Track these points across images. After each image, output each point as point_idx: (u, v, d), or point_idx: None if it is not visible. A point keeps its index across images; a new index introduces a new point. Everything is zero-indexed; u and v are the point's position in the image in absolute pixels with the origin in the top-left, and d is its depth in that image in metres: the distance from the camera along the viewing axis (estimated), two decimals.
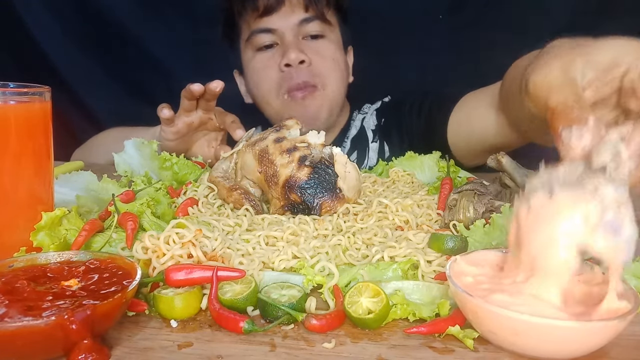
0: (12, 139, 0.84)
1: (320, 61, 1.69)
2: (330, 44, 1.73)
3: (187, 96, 1.43)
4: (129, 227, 0.89)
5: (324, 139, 1.09)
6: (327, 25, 1.71)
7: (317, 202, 1.02)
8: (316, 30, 1.69)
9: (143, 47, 2.27)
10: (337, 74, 1.74)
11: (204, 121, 1.50)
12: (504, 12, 2.17)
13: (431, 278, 0.81)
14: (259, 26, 1.68)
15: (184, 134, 1.49)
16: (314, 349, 0.66)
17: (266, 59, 1.70)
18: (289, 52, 1.63)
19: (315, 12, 1.68)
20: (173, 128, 1.46)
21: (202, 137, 1.57)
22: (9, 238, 0.85)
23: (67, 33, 2.27)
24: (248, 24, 1.72)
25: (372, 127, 1.89)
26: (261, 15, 1.67)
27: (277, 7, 1.65)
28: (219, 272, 0.75)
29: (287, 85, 1.66)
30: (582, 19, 2.16)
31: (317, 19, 1.68)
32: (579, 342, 0.62)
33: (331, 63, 1.72)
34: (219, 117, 1.52)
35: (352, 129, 1.91)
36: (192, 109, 1.46)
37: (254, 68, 1.74)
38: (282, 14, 1.66)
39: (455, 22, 2.19)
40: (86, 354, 0.61)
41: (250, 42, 1.71)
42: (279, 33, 1.67)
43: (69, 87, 2.31)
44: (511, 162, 1.17)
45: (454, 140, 1.59)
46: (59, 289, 0.68)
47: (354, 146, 1.88)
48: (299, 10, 1.67)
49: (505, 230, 0.91)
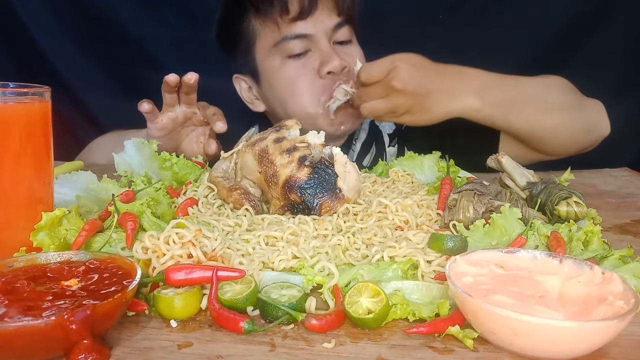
0: (12, 139, 0.85)
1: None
2: (357, 48, 1.66)
3: (166, 89, 1.42)
4: (129, 227, 0.89)
5: (324, 139, 1.09)
6: (353, 30, 1.64)
7: (317, 202, 1.02)
8: (346, 36, 1.61)
9: (143, 47, 2.27)
10: None
11: (189, 116, 1.49)
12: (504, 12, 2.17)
13: (431, 278, 0.81)
14: (293, 31, 1.55)
15: (170, 129, 1.48)
16: (313, 349, 0.66)
17: (300, 67, 1.58)
18: (332, 59, 1.53)
19: (346, 16, 1.59)
20: (158, 124, 1.45)
21: (190, 133, 1.56)
22: (9, 238, 0.85)
23: (67, 33, 2.28)
24: (276, 28, 1.57)
25: (388, 132, 1.87)
26: (294, 19, 1.54)
27: (312, 10, 1.53)
28: (219, 272, 0.75)
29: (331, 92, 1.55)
30: (582, 19, 2.16)
31: (347, 24, 1.60)
32: (579, 342, 0.62)
33: None
34: (202, 111, 1.50)
35: (360, 132, 1.86)
36: (174, 103, 1.44)
37: (287, 77, 1.59)
38: (317, 17, 1.55)
39: (455, 22, 2.19)
40: (86, 354, 0.61)
41: (280, 49, 1.57)
42: (313, 39, 1.56)
43: (69, 87, 2.31)
44: (511, 162, 1.17)
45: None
46: (59, 289, 0.68)
47: (365, 150, 1.84)
48: (333, 14, 1.57)
49: (505, 231, 0.91)
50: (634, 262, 0.81)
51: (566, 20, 2.18)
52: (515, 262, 0.76)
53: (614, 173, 1.62)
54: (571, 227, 0.92)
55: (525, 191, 1.11)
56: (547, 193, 1.05)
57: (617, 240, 1.04)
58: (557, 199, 1.02)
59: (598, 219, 1.04)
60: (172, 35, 2.26)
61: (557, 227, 0.93)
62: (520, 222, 0.92)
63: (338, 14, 1.58)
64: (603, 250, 0.86)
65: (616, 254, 0.84)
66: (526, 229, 0.90)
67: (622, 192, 1.43)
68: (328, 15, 1.57)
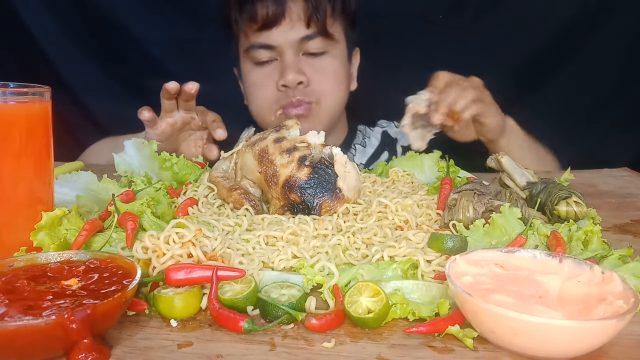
0: (12, 138, 0.85)
1: (320, 79, 1.63)
2: (333, 59, 1.65)
3: (165, 96, 1.43)
4: (129, 227, 0.89)
5: (324, 139, 1.09)
6: (330, 41, 1.63)
7: (317, 202, 1.02)
8: (317, 48, 1.61)
9: (143, 47, 2.27)
10: (336, 88, 1.68)
11: (187, 121, 1.50)
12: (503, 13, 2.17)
13: (431, 278, 0.81)
14: (258, 41, 1.60)
15: (169, 134, 1.48)
16: (313, 348, 0.66)
17: (264, 76, 1.64)
18: (287, 73, 1.56)
19: (317, 28, 1.58)
20: (157, 130, 1.46)
21: (188, 137, 1.57)
22: (9, 238, 0.85)
23: (67, 33, 2.27)
24: (246, 35, 1.64)
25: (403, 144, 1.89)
26: (260, 29, 1.58)
27: (276, 22, 1.56)
28: (219, 272, 0.75)
29: (282, 103, 1.61)
30: (582, 19, 2.16)
31: (319, 35, 1.60)
32: (578, 341, 0.62)
33: (331, 79, 1.66)
34: (201, 116, 1.51)
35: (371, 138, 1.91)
36: (172, 109, 1.45)
37: (251, 82, 1.68)
38: (282, 29, 1.57)
39: (455, 22, 2.19)
40: (86, 353, 0.61)
41: (248, 55, 1.65)
42: (278, 50, 1.60)
43: (69, 87, 2.31)
44: (511, 162, 1.17)
45: None
46: (59, 289, 0.68)
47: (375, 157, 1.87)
48: (300, 26, 1.58)
49: (505, 230, 0.91)
50: (634, 262, 0.81)
51: (566, 21, 2.18)
52: (515, 261, 0.76)
53: (613, 173, 1.62)
54: (571, 226, 0.92)
55: (525, 191, 1.11)
56: (546, 193, 1.05)
57: (616, 240, 1.04)
58: (556, 199, 1.02)
59: (598, 219, 1.04)
60: (173, 35, 2.25)
61: (557, 226, 0.93)
62: (520, 221, 0.92)
63: (307, 26, 1.57)
64: (603, 249, 0.86)
65: (616, 253, 0.84)
66: (526, 228, 0.90)
67: (622, 192, 1.43)
68: (295, 27, 1.57)
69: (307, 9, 1.56)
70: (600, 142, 2.25)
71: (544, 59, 2.22)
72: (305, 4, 1.57)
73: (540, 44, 2.20)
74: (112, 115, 2.24)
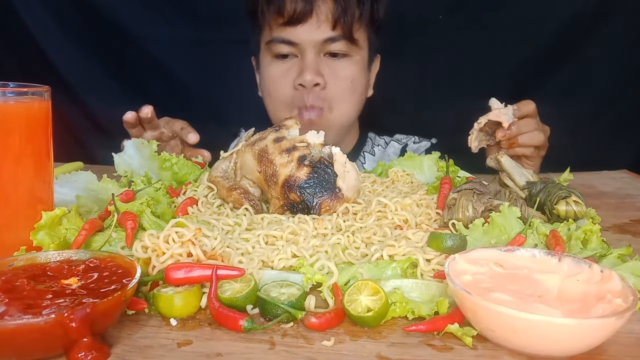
0: (12, 138, 0.85)
1: (336, 83, 1.61)
2: (352, 64, 1.64)
3: (127, 126, 1.44)
4: (128, 226, 0.89)
5: (323, 139, 1.09)
6: (352, 45, 1.61)
7: (317, 202, 1.02)
8: (339, 50, 1.59)
9: (143, 47, 2.27)
10: (351, 96, 1.67)
11: (157, 137, 1.50)
12: (504, 13, 2.17)
13: (430, 276, 0.82)
14: (281, 35, 1.58)
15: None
16: (313, 346, 0.66)
17: (282, 71, 1.62)
18: (305, 72, 1.55)
19: (342, 31, 1.57)
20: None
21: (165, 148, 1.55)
22: (9, 237, 0.85)
23: (67, 33, 2.27)
24: (270, 27, 1.62)
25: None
26: (285, 23, 1.56)
27: (303, 19, 1.54)
28: (219, 271, 0.75)
29: (298, 104, 1.61)
30: (582, 19, 2.16)
31: (343, 39, 1.58)
32: (577, 339, 0.62)
33: (347, 85, 1.63)
34: (168, 127, 1.52)
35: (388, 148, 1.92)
36: (140, 133, 1.46)
37: (269, 76, 1.67)
38: (308, 27, 1.55)
39: (455, 22, 2.19)
40: (86, 352, 0.61)
41: (269, 48, 1.63)
42: (299, 47, 1.58)
43: (69, 87, 2.31)
44: (510, 162, 1.18)
45: None
46: (59, 288, 0.68)
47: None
48: (326, 27, 1.55)
49: (504, 229, 0.91)
50: (633, 261, 0.82)
51: (566, 21, 2.17)
52: (514, 260, 0.77)
53: (612, 175, 1.63)
54: (570, 226, 0.92)
55: (525, 191, 1.11)
56: (546, 192, 1.06)
57: (616, 240, 1.04)
58: (556, 199, 1.02)
59: (597, 219, 1.04)
60: (173, 35, 2.25)
61: (556, 226, 0.93)
62: (519, 221, 0.92)
63: (333, 28, 1.56)
64: (602, 248, 0.87)
65: (615, 252, 0.84)
66: (525, 227, 0.91)
67: (621, 193, 1.43)
68: (320, 27, 1.56)
69: (335, 10, 1.55)
70: (600, 144, 2.25)
71: (544, 59, 2.22)
72: (334, 5, 1.55)
73: (540, 44, 2.20)
74: (112, 115, 2.24)
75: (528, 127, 1.34)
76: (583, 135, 2.21)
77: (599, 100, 2.27)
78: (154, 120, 1.45)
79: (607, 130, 2.29)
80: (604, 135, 2.29)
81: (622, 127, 2.28)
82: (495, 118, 1.31)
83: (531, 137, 1.35)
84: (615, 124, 2.29)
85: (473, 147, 1.34)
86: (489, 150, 1.40)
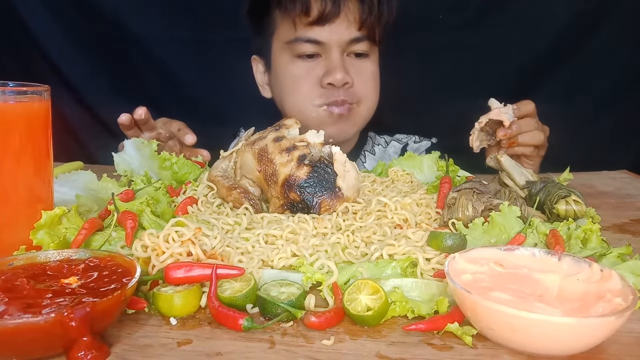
0: (12, 138, 0.85)
1: (361, 82, 1.62)
2: (372, 64, 1.66)
3: (123, 128, 1.45)
4: (128, 226, 0.89)
5: (323, 138, 1.09)
6: (372, 45, 1.63)
7: (317, 201, 1.02)
8: (362, 50, 1.61)
9: (144, 46, 2.27)
10: (374, 93, 1.69)
11: (154, 137, 1.50)
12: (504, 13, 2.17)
13: (430, 276, 0.82)
14: (307, 35, 1.55)
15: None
16: (313, 346, 0.66)
17: (307, 69, 1.60)
18: (335, 72, 1.54)
19: (367, 31, 1.58)
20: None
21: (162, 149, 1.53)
22: (8, 236, 0.85)
23: (67, 33, 2.27)
24: (292, 27, 1.58)
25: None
26: (312, 23, 1.54)
27: (331, 19, 1.52)
28: (218, 270, 0.75)
29: (327, 100, 1.60)
30: (582, 19, 2.17)
31: (367, 39, 1.59)
32: (577, 338, 0.62)
33: (372, 82, 1.66)
34: (165, 128, 1.52)
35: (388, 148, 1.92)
36: (136, 134, 1.47)
37: (292, 75, 1.63)
38: (335, 27, 1.54)
39: (455, 22, 2.19)
40: (86, 351, 0.61)
41: (292, 47, 1.59)
42: (325, 47, 1.56)
43: (69, 87, 2.31)
44: (510, 162, 1.18)
45: None
46: (59, 287, 0.68)
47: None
48: (353, 27, 1.56)
49: (504, 229, 0.91)
50: (633, 260, 0.82)
51: (566, 21, 2.18)
52: (514, 259, 0.77)
53: (612, 175, 1.63)
54: (570, 225, 0.92)
55: (525, 190, 1.12)
56: (546, 192, 1.06)
57: (615, 239, 1.04)
58: (556, 198, 1.02)
59: (597, 218, 1.04)
60: (173, 35, 2.26)
61: (556, 225, 0.93)
62: (519, 220, 0.92)
63: (359, 28, 1.57)
64: (602, 248, 0.87)
65: (615, 251, 0.84)
66: (525, 227, 0.91)
67: (621, 193, 1.43)
68: (347, 28, 1.56)
69: (362, 11, 1.56)
70: (600, 144, 2.25)
71: (544, 59, 2.22)
72: (361, 6, 1.56)
73: (540, 44, 2.20)
74: (112, 114, 2.24)
75: (528, 126, 1.36)
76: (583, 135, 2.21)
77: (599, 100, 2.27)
78: (149, 121, 1.45)
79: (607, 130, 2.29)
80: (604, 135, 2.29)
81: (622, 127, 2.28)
82: (496, 117, 1.31)
83: (531, 136, 1.37)
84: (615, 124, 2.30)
85: (475, 147, 1.35)
86: (488, 150, 1.40)
